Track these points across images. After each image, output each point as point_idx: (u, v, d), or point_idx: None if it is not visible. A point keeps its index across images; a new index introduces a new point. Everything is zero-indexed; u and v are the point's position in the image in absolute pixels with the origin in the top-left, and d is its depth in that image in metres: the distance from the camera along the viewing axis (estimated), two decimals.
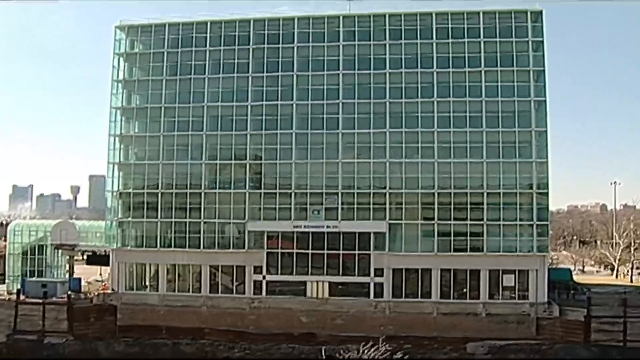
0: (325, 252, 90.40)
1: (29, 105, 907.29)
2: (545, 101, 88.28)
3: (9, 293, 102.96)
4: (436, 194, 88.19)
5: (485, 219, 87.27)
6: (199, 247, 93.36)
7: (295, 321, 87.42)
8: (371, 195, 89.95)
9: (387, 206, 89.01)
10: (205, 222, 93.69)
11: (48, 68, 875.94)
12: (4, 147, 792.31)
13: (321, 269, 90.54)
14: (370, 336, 61.24)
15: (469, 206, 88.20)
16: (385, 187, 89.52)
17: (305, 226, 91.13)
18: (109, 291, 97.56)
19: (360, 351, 49.07)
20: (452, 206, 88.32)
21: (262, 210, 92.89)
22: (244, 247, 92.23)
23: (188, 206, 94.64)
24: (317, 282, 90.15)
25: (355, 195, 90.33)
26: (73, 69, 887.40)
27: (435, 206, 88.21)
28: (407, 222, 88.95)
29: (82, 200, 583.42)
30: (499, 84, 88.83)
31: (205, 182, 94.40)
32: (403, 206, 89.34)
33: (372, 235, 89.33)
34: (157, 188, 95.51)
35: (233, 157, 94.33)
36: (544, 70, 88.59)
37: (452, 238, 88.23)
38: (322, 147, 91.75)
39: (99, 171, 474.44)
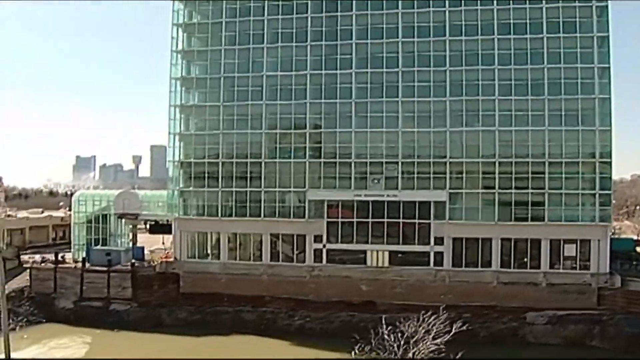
0: (385, 220, 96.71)
1: (91, 78, 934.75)
2: (609, 68, 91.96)
3: (75, 261, 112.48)
4: (497, 163, 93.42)
5: (546, 188, 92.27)
6: (260, 216, 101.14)
7: (354, 290, 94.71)
8: (431, 164, 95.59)
9: (448, 175, 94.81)
10: (265, 191, 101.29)
11: (109, 40, 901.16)
12: (68, 120, 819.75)
13: (381, 237, 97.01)
14: (430, 305, 64.93)
15: (530, 175, 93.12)
16: (445, 156, 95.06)
17: (365, 195, 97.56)
18: (172, 259, 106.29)
19: (420, 319, 52.65)
20: (513, 175, 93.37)
21: (322, 179, 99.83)
22: (304, 216, 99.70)
23: (248, 175, 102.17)
24: (377, 250, 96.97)
25: (415, 164, 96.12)
26: (134, 41, 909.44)
27: (496, 175, 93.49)
28: (468, 191, 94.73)
29: (144, 170, 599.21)
30: (562, 50, 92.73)
31: (265, 152, 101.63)
32: (463, 175, 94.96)
33: (432, 204, 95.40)
34: (218, 158, 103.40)
35: (293, 126, 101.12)
36: (607, 36, 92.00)
37: (512, 207, 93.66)
38: (381, 116, 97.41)
39: (160, 141, 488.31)
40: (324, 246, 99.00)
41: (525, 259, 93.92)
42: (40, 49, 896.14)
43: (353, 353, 45.89)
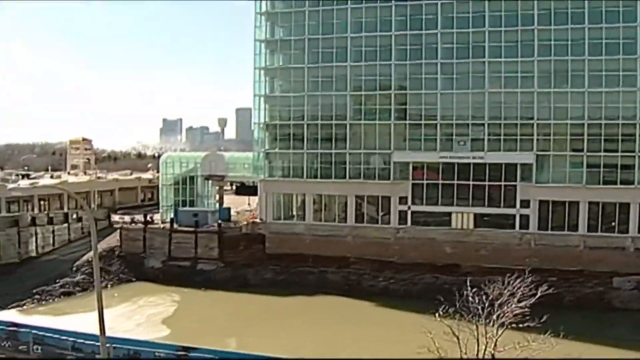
0: (471, 183, 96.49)
1: (176, 41, 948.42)
2: None
3: (163, 222, 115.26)
4: (586, 125, 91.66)
5: (637, 151, 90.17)
6: (345, 178, 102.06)
7: (439, 252, 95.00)
8: (518, 125, 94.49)
9: (535, 137, 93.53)
10: (350, 153, 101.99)
11: (193, 3, 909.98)
12: (154, 83, 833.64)
13: (466, 200, 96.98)
14: (515, 268, 64.71)
15: (620, 137, 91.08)
16: (532, 118, 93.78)
17: (450, 157, 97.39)
18: (258, 220, 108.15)
19: (505, 282, 52.58)
20: (602, 137, 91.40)
21: (408, 141, 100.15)
22: (389, 178, 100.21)
23: (333, 137, 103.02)
24: (462, 213, 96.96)
25: (502, 125, 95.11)
26: (218, 4, 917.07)
27: (585, 137, 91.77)
28: (555, 154, 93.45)
29: (230, 133, 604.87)
30: None
31: (350, 113, 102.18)
32: (551, 137, 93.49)
33: (518, 167, 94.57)
34: (303, 119, 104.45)
35: (378, 88, 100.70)
36: None
37: (601, 170, 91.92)
38: (467, 77, 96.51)
39: (245, 104, 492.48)
40: (409, 208, 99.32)
41: (613, 223, 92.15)
42: (126, 13, 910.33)
43: (437, 315, 46.06)
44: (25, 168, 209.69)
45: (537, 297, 50.75)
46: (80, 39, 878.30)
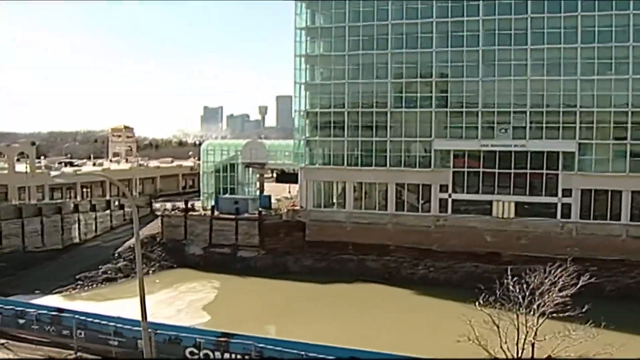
0: (512, 171, 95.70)
1: (217, 30, 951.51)
2: None
3: (204, 209, 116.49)
4: (630, 113, 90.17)
5: None
6: (385, 166, 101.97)
7: (479, 240, 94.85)
8: (560, 113, 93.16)
9: (577, 125, 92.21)
10: (391, 141, 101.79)
11: None
12: (195, 71, 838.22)
13: (507, 188, 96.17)
14: (556, 257, 64.61)
15: None
16: (575, 105, 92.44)
17: (492, 145, 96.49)
18: (298, 208, 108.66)
19: (546, 271, 52.31)
20: None
21: (449, 128, 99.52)
22: (430, 166, 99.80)
23: (374, 125, 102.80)
24: (503, 201, 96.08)
25: (544, 113, 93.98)
26: None
27: (629, 125, 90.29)
28: (598, 142, 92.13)
29: (270, 120, 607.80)
30: None
31: (391, 101, 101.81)
32: (594, 125, 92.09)
33: (560, 155, 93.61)
34: (343, 107, 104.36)
35: (419, 75, 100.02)
36: None
37: None
38: (509, 64, 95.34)
39: (286, 91, 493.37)
40: (450, 196, 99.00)
41: None
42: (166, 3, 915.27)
43: (477, 303, 46.02)
44: (68, 156, 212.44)
45: (578, 286, 50.46)
46: (124, 29, 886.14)
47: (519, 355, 38.58)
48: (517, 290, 47.24)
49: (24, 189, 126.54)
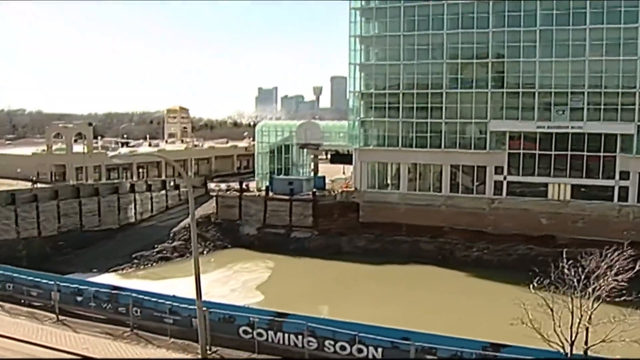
0: (569, 153, 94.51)
1: (271, 10, 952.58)
2: None
3: (259, 190, 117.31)
4: None
5: None
6: (440, 147, 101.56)
7: (534, 223, 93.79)
8: (619, 94, 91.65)
9: (637, 107, 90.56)
10: (446, 122, 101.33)
11: None
12: (250, 52, 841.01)
13: (564, 170, 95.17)
14: (612, 241, 64.08)
15: None
16: (634, 87, 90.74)
17: (548, 126, 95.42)
18: (352, 189, 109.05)
19: (602, 255, 51.60)
20: None
21: (505, 110, 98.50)
22: (485, 148, 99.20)
23: (429, 106, 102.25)
24: (559, 184, 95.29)
25: (602, 94, 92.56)
26: None
27: None
28: None
29: (324, 101, 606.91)
30: None
31: (446, 82, 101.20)
32: None
33: (618, 137, 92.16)
34: (398, 88, 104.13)
35: (474, 56, 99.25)
36: None
37: None
38: (567, 44, 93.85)
39: (340, 72, 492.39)
40: (505, 178, 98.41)
41: None
42: None
43: (531, 286, 45.75)
44: (125, 136, 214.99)
45: (635, 270, 49.84)
46: (179, 12, 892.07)
47: (573, 339, 38.28)
48: (572, 274, 46.76)
49: (81, 169, 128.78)
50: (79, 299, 46.95)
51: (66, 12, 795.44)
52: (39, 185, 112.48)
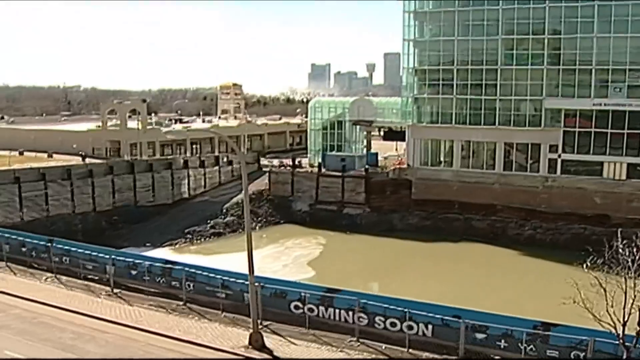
0: (625, 131, 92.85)
1: None
2: None
3: (311, 166, 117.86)
4: None
5: None
6: (494, 124, 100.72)
7: (588, 202, 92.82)
8: None
9: None
10: (500, 99, 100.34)
11: None
12: (303, 28, 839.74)
13: (620, 149, 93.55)
14: None
15: None
16: None
17: (605, 104, 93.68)
18: (405, 166, 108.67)
19: None
20: None
21: (560, 87, 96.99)
22: (540, 125, 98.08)
23: (483, 83, 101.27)
24: (615, 162, 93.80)
25: None
26: None
27: None
28: None
29: (378, 78, 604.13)
30: None
31: (501, 58, 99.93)
32: None
33: None
34: (452, 64, 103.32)
35: (530, 32, 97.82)
36: None
37: None
38: (626, 20, 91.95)
39: (393, 48, 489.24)
40: (559, 156, 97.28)
41: None
42: None
43: (584, 266, 45.49)
44: (178, 112, 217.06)
45: None
46: None
47: (625, 320, 38.01)
48: (627, 254, 46.39)
49: (135, 145, 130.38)
50: (134, 272, 47.88)
51: None
52: (88, 160, 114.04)
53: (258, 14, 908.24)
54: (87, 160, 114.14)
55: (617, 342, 32.44)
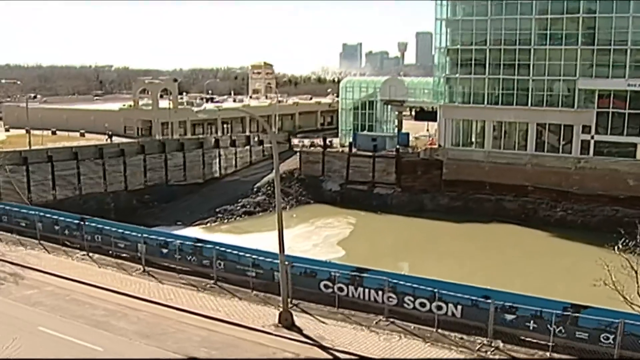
0: None
1: None
2: None
3: (342, 146, 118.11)
4: None
5: None
6: (527, 105, 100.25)
7: (621, 183, 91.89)
8: None
9: None
10: (533, 80, 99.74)
11: None
12: (334, 8, 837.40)
13: None
14: None
15: None
16: None
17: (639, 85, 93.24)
18: (436, 146, 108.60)
19: None
20: None
21: (594, 67, 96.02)
22: (573, 106, 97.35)
23: (516, 63, 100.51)
24: None
25: None
26: None
27: None
28: None
29: (409, 57, 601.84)
30: None
31: (534, 38, 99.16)
32: None
33: None
34: (485, 44, 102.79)
35: (564, 11, 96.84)
36: None
37: None
38: None
39: (425, 28, 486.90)
40: (592, 137, 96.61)
41: None
42: None
43: (615, 248, 45.31)
44: (209, 92, 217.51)
45: None
46: None
47: None
48: None
49: (167, 125, 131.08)
50: (165, 251, 48.30)
51: None
52: (119, 140, 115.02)
53: None
54: (119, 139, 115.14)
55: None
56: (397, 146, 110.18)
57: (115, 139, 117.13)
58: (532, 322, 33.84)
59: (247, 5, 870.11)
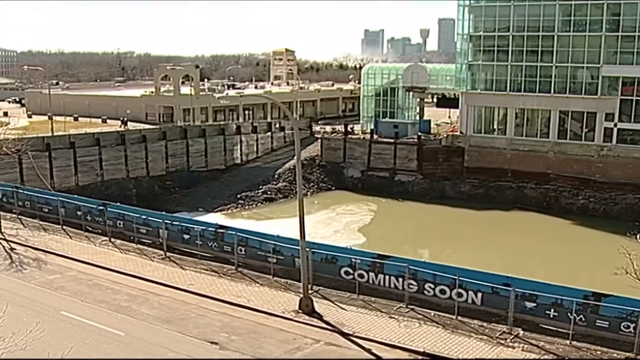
0: None
1: None
2: None
3: (363, 132, 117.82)
4: None
5: None
6: (549, 92, 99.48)
7: None
8: None
9: None
10: (556, 67, 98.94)
11: None
12: None
13: None
14: None
15: None
16: None
17: None
18: (457, 133, 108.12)
19: None
20: None
21: (619, 54, 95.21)
22: (596, 93, 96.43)
23: (539, 49, 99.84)
24: None
25: None
26: None
27: None
28: None
29: (432, 44, 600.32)
30: None
31: (558, 24, 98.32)
32: None
33: None
34: (508, 31, 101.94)
35: None
36: None
37: None
38: None
39: (448, 14, 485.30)
40: (615, 125, 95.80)
41: None
42: None
43: (638, 236, 45.17)
44: (231, 78, 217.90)
45: None
46: None
47: None
48: None
49: (188, 111, 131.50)
50: (186, 237, 48.56)
51: None
52: (141, 126, 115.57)
53: None
54: (140, 125, 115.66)
55: None
56: (419, 133, 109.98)
57: (137, 125, 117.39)
58: (552, 310, 33.78)
59: None
